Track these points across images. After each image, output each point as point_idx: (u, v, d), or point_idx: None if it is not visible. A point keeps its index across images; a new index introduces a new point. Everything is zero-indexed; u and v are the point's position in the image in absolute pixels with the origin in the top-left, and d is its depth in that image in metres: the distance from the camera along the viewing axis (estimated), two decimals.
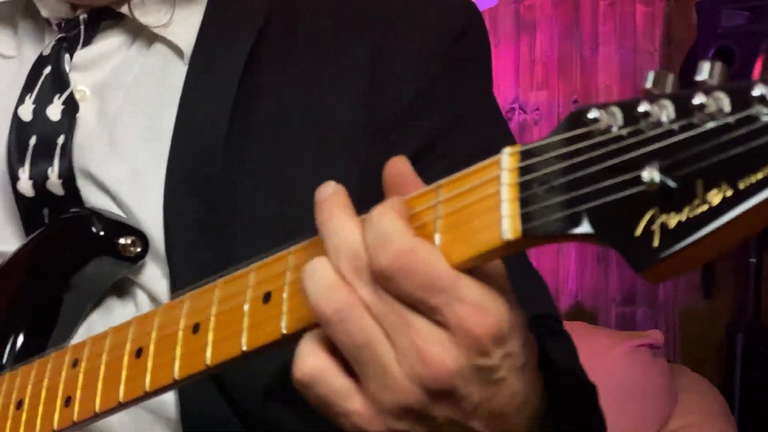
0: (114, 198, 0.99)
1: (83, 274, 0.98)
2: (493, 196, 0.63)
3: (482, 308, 0.65)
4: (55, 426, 0.85)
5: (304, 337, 0.69)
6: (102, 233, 0.97)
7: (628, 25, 3.44)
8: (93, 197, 1.00)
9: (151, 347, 0.80)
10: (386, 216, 0.65)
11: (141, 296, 0.99)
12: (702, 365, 3.07)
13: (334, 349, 0.68)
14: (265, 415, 0.93)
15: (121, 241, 0.97)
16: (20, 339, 0.98)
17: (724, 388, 2.86)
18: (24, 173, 1.00)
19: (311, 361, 0.68)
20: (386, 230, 0.64)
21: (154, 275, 0.98)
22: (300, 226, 0.74)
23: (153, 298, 0.98)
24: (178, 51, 1.02)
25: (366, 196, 0.69)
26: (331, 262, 0.67)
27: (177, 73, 1.01)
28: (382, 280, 0.65)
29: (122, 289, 1.00)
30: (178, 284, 0.94)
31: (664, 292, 3.36)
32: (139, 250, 0.97)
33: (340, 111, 0.98)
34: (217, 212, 0.96)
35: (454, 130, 1.00)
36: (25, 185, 1.00)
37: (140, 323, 0.83)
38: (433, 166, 0.74)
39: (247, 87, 0.98)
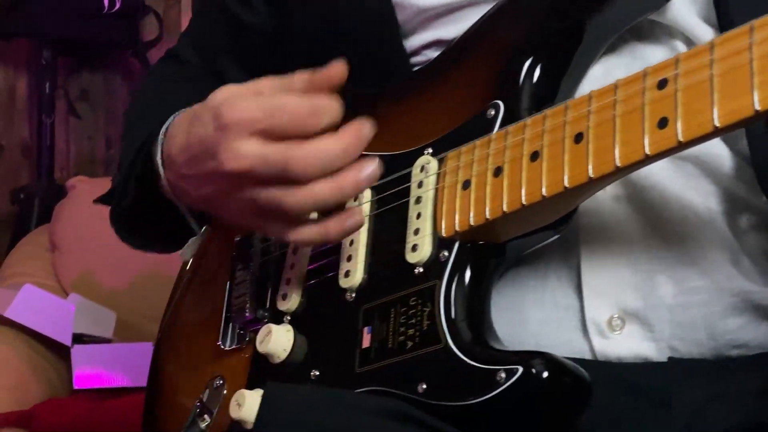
0: None
1: (604, 10, 0.88)
2: None
3: None
4: (648, 150, 0.75)
5: None
6: None
7: None
8: None
9: None
10: None
11: (675, 44, 0.89)
12: None
13: None
14: None
15: None
16: (536, 75, 0.88)
17: None
18: None
19: None
20: None
21: (691, 17, 0.89)
22: None
23: (690, 42, 0.88)
24: None
25: None
26: None
27: None
28: None
29: (648, 33, 0.91)
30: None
31: None
32: None
33: None
34: None
35: None
36: None
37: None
38: None
39: None
